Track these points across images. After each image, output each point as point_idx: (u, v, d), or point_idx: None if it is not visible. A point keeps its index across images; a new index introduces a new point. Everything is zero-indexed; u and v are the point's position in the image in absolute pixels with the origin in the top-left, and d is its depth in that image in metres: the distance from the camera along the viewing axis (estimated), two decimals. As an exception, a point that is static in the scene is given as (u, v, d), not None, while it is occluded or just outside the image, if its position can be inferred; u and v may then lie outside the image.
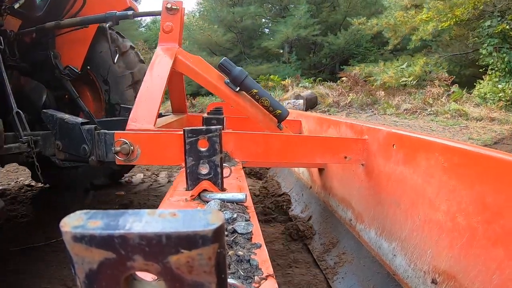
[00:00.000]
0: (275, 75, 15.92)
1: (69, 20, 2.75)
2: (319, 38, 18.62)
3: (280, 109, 2.28)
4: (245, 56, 20.35)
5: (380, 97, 11.08)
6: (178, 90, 3.13)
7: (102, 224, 0.30)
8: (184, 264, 0.30)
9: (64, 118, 1.93)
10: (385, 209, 1.62)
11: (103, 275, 0.31)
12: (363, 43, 18.38)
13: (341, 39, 18.08)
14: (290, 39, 18.49)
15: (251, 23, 20.26)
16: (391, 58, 15.67)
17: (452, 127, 7.94)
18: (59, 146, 1.95)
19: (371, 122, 2.40)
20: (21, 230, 2.85)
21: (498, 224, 1.00)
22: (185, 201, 0.99)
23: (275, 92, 14.05)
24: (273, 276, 0.66)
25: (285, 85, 14.12)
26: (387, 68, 12.63)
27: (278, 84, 14.35)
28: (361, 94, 11.32)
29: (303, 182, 3.02)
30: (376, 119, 9.36)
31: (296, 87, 13.47)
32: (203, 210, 0.32)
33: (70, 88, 2.89)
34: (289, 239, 2.41)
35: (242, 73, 2.24)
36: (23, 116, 2.08)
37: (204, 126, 1.63)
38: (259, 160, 1.72)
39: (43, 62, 2.86)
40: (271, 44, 19.07)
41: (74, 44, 3.07)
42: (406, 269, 1.40)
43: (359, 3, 19.16)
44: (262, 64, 18.72)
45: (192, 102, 13.65)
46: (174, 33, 2.38)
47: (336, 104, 11.28)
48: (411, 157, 1.46)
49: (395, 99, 10.63)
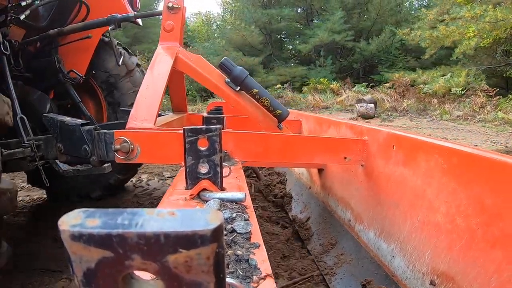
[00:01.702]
0: (310, 77, 16.79)
1: (72, 26, 2.74)
2: (351, 43, 19.20)
3: (280, 109, 2.29)
4: (275, 58, 20.55)
5: (431, 103, 11.97)
6: (179, 89, 3.13)
7: (100, 222, 0.30)
8: (183, 263, 0.30)
9: (64, 120, 1.95)
10: (384, 210, 1.62)
11: (101, 274, 0.31)
12: (392, 51, 19.08)
13: (373, 45, 18.70)
14: (324, 43, 18.83)
15: (284, 26, 20.64)
16: (417, 66, 16.61)
17: (502, 132, 8.55)
18: (60, 149, 1.97)
19: (370, 124, 2.38)
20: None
21: (497, 226, 1.00)
22: (184, 200, 0.99)
23: (325, 94, 14.71)
24: (272, 276, 0.66)
25: (332, 88, 14.68)
26: (427, 76, 13.63)
27: (327, 87, 14.87)
28: (413, 100, 12.24)
29: (302, 182, 3.02)
30: (438, 124, 9.93)
31: (350, 91, 14.16)
32: (202, 209, 0.32)
33: (72, 92, 2.89)
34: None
35: (243, 72, 2.24)
36: (27, 122, 2.10)
37: (204, 126, 1.63)
38: (258, 160, 1.72)
39: (46, 67, 2.86)
40: (305, 47, 19.34)
41: (77, 54, 3.07)
42: (405, 270, 1.40)
43: (387, 11, 19.87)
44: (296, 67, 19.15)
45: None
46: (175, 32, 2.38)
47: (394, 109, 11.95)
48: (411, 158, 1.46)
49: (445, 106, 11.45)
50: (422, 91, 12.83)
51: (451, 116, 10.72)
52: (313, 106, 14.21)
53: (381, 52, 19.23)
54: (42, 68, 2.87)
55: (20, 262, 2.38)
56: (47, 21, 2.90)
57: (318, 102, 14.41)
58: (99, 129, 1.78)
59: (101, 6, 2.78)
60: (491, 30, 12.01)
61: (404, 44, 18.06)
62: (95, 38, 2.99)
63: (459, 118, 10.51)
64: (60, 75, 2.84)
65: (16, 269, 2.31)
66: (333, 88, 15.02)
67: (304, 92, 15.58)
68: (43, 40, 2.80)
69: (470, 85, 12.23)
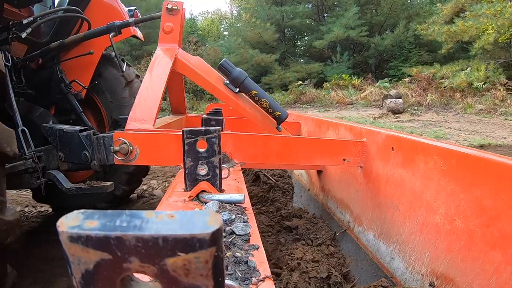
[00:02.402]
0: (326, 74, 17.20)
1: (73, 37, 2.73)
2: (365, 39, 19.34)
3: (279, 111, 2.28)
4: (289, 55, 20.58)
5: (453, 97, 12.32)
6: (178, 90, 3.14)
7: (98, 224, 0.30)
8: (181, 267, 0.30)
9: (63, 128, 1.96)
10: (384, 211, 1.62)
11: (99, 276, 0.31)
12: (405, 45, 19.22)
13: (387, 40, 18.84)
14: (339, 39, 18.97)
15: (298, 23, 20.67)
16: (430, 60, 17.16)
17: (525, 124, 8.93)
18: (61, 157, 1.98)
19: (369, 125, 2.40)
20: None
21: (496, 227, 1.00)
22: (183, 201, 0.99)
23: (348, 90, 14.90)
24: (271, 277, 0.66)
25: (354, 84, 14.98)
26: (447, 70, 13.97)
27: (349, 83, 15.13)
28: (436, 94, 12.55)
29: (301, 183, 3.02)
30: (463, 118, 10.28)
31: (372, 87, 14.46)
32: (201, 212, 0.32)
33: (74, 103, 2.86)
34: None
35: (242, 74, 2.24)
36: (28, 134, 2.10)
37: (203, 127, 1.64)
38: (257, 162, 1.72)
39: (48, 80, 2.84)
40: (320, 43, 19.40)
41: (79, 70, 3.05)
42: (404, 272, 1.40)
43: (399, 6, 20.11)
44: (312, 63, 19.18)
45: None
46: (174, 33, 2.38)
47: (418, 103, 12.25)
48: (410, 160, 1.46)
49: (467, 100, 11.81)
50: (443, 85, 13.12)
51: (474, 110, 11.04)
52: (337, 102, 14.27)
53: (395, 47, 19.43)
54: (44, 81, 2.85)
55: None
56: (48, 37, 2.90)
57: (342, 98, 14.51)
58: (98, 133, 1.78)
59: (102, 20, 2.76)
60: (509, 25, 12.47)
61: (417, 39, 18.28)
62: (97, 53, 2.98)
63: (482, 111, 10.82)
64: (62, 85, 2.82)
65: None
66: (354, 84, 15.27)
67: (326, 89, 15.70)
68: (45, 54, 2.78)
69: (489, 79, 12.52)
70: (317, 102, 14.57)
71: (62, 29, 2.93)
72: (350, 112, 12.31)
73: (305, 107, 14.08)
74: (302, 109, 13.67)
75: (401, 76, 16.63)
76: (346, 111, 12.73)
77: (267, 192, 2.95)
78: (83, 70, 3.05)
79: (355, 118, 10.52)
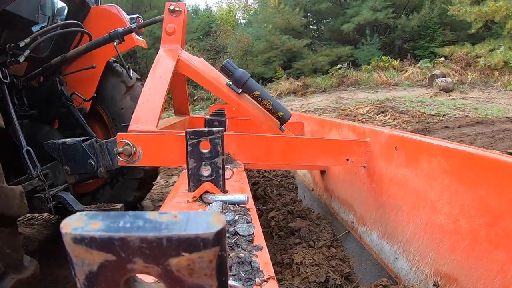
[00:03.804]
0: (357, 57, 17.65)
1: (74, 50, 2.67)
2: (391, 20, 19.35)
3: (282, 111, 2.28)
4: (316, 39, 20.59)
5: (492, 76, 12.87)
6: (181, 91, 3.14)
7: (102, 226, 0.30)
8: (185, 267, 0.30)
9: (65, 142, 1.97)
10: (387, 211, 1.62)
11: (103, 277, 0.31)
12: (430, 25, 19.35)
13: (414, 21, 18.84)
14: (367, 21, 18.97)
15: (324, 7, 20.56)
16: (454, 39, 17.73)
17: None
18: (67, 171, 1.98)
19: (373, 125, 2.39)
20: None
21: (500, 226, 1.00)
22: (187, 202, 0.99)
23: (389, 72, 15.20)
24: (275, 278, 0.66)
25: (393, 65, 15.47)
26: (481, 50, 14.60)
27: (389, 65, 15.54)
28: (475, 73, 13.10)
29: (305, 184, 3.02)
30: (506, 94, 10.79)
31: (414, 67, 14.93)
32: (205, 212, 0.32)
33: (77, 115, 2.82)
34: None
35: (245, 75, 2.24)
36: (33, 153, 2.10)
37: (206, 128, 1.64)
38: (261, 162, 1.72)
39: (49, 93, 2.78)
40: (348, 26, 19.35)
41: (83, 83, 2.99)
42: (408, 272, 1.39)
43: None
44: (341, 47, 19.23)
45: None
46: (176, 34, 2.39)
47: (460, 82, 12.68)
48: (413, 159, 1.46)
49: (505, 78, 12.33)
50: (480, 64, 13.61)
51: (512, 87, 11.74)
52: (382, 83, 14.45)
53: (420, 27, 19.51)
54: (46, 96, 2.79)
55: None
56: (48, 51, 2.84)
57: (385, 79, 14.71)
58: (100, 140, 1.79)
59: (103, 30, 2.73)
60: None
61: (441, 19, 18.52)
62: (100, 66, 2.93)
63: (520, 88, 11.53)
64: (63, 98, 2.76)
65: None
66: (393, 66, 15.59)
67: (365, 71, 15.92)
68: (46, 71, 2.72)
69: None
70: (361, 84, 14.77)
71: (62, 43, 2.88)
72: (399, 92, 12.51)
73: (352, 89, 14.27)
74: (350, 91, 13.86)
75: (427, 56, 17.04)
76: (395, 91, 12.90)
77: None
78: (87, 83, 3.00)
79: (410, 98, 10.67)
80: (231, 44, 20.09)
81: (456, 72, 13.54)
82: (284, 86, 15.27)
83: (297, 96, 14.13)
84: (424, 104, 9.48)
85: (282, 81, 16.17)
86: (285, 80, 16.09)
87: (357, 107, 9.91)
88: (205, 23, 25.71)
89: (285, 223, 2.27)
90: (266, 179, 3.10)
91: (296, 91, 14.61)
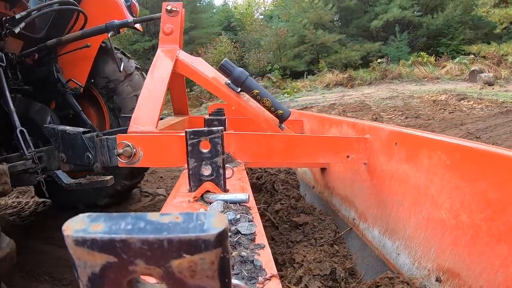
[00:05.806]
0: (387, 53, 18.63)
1: (70, 35, 2.71)
2: (417, 18, 20.10)
3: (281, 109, 2.28)
4: (344, 36, 20.99)
5: None
6: (179, 91, 3.14)
7: (103, 227, 0.30)
8: (187, 268, 0.30)
9: (65, 129, 1.95)
10: (388, 207, 1.62)
11: (106, 279, 0.31)
12: (453, 24, 20.18)
13: (439, 19, 19.65)
14: (395, 19, 19.68)
15: (354, 4, 21.19)
16: (474, 38, 19.18)
17: None
18: (63, 158, 1.97)
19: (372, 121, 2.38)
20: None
21: (502, 221, 1.00)
22: (188, 202, 0.99)
23: (428, 67, 16.30)
24: (277, 276, 0.66)
25: (430, 61, 16.76)
26: (508, 48, 16.11)
27: (427, 60, 16.79)
28: (507, 70, 14.45)
29: (305, 182, 3.02)
30: None
31: (452, 63, 16.15)
32: (206, 213, 0.32)
33: (73, 102, 2.85)
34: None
35: (243, 73, 2.24)
36: (27, 134, 2.10)
37: (206, 128, 1.64)
38: (261, 161, 1.72)
39: (45, 78, 2.83)
40: (377, 23, 19.98)
41: (77, 63, 3.03)
42: (410, 267, 1.39)
43: None
44: (371, 43, 19.95)
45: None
46: (174, 35, 2.39)
47: (495, 77, 13.44)
48: (414, 155, 1.46)
49: None
50: (509, 61, 15.11)
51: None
52: (423, 77, 15.34)
53: (443, 26, 20.28)
54: (41, 78, 2.84)
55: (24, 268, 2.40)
56: (44, 32, 2.87)
57: (426, 73, 15.65)
58: (101, 135, 1.79)
59: (99, 14, 2.74)
60: None
61: (461, 18, 19.46)
62: (94, 46, 2.95)
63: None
64: (59, 85, 2.81)
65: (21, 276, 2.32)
66: (430, 61, 16.81)
67: (404, 65, 16.86)
68: (41, 51, 2.76)
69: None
70: (404, 78, 15.59)
71: (58, 23, 2.90)
72: (446, 85, 13.20)
73: (397, 82, 15.12)
74: (396, 84, 14.70)
75: (449, 53, 18.27)
76: (441, 84, 13.64)
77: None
78: (81, 64, 3.04)
79: (460, 90, 11.25)
80: (264, 37, 20.36)
81: (491, 68, 14.55)
82: (330, 78, 16.04)
83: (347, 88, 14.78)
84: (481, 94, 10.11)
85: (325, 73, 16.88)
86: (328, 73, 16.85)
87: (431, 95, 10.51)
88: (224, 17, 26.54)
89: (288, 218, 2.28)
90: (268, 173, 3.12)
91: (342, 83, 15.32)
